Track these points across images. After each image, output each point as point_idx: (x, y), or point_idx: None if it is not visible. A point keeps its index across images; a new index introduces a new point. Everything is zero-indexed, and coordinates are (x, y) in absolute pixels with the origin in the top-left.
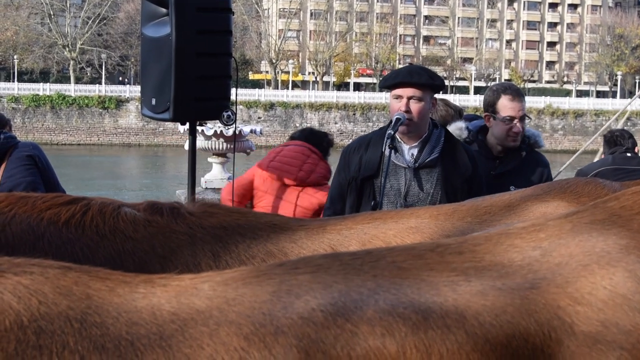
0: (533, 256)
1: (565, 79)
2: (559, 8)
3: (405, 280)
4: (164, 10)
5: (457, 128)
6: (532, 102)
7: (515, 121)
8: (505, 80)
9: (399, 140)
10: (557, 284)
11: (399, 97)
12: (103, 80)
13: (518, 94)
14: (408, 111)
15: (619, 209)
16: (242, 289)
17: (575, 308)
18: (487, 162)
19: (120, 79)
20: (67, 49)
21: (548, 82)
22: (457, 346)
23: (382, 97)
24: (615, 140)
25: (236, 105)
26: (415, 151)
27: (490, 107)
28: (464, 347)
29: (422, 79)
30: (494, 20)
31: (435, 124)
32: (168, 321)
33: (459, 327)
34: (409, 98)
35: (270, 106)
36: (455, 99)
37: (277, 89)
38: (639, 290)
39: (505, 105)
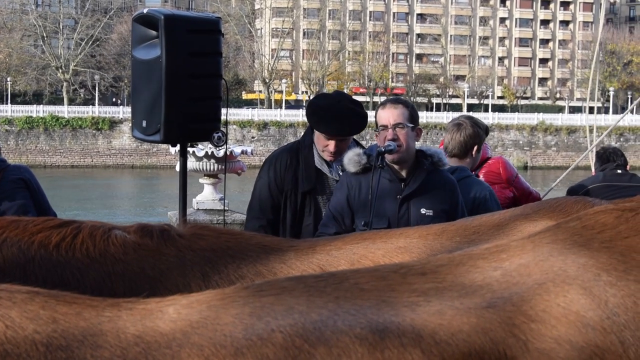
0: (493, 276)
1: (557, 95)
2: (551, 25)
3: (367, 301)
4: (154, 32)
5: (355, 154)
6: (525, 118)
7: (387, 130)
8: (498, 97)
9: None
10: (513, 303)
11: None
12: (96, 101)
13: (391, 102)
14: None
15: (581, 228)
16: (206, 312)
17: (530, 325)
18: (393, 186)
19: (114, 100)
20: (60, 70)
21: (541, 98)
22: None
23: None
24: (608, 156)
25: (227, 126)
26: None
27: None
28: None
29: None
30: (486, 38)
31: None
32: (132, 344)
33: (414, 346)
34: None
35: (263, 126)
36: (448, 117)
37: (271, 108)
38: (593, 308)
39: (379, 116)
